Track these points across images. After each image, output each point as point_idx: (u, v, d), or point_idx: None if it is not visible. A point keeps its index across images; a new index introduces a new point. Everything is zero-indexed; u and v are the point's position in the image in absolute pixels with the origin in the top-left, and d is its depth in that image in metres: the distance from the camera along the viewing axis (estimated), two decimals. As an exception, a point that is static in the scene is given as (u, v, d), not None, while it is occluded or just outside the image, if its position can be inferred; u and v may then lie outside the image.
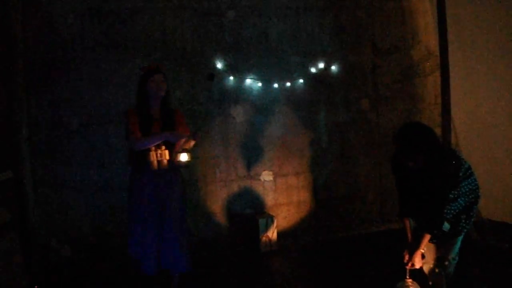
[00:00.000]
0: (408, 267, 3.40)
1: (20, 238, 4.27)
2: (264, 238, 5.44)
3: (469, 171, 3.37)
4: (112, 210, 5.26)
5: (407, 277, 3.41)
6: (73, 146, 5.15)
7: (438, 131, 6.07)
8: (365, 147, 6.14)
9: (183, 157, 3.73)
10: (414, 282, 3.40)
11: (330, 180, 6.03)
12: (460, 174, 3.30)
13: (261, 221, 5.43)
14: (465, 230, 3.38)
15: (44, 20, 5.03)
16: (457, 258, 3.48)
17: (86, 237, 5.23)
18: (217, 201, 5.64)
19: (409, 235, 3.52)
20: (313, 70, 5.83)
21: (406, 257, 3.42)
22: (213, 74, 5.47)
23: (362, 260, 4.99)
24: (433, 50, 6.17)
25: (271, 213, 5.71)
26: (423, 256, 3.47)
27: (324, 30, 5.90)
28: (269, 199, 5.85)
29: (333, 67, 5.90)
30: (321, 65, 5.85)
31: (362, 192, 6.18)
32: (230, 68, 5.59)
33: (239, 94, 5.65)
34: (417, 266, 3.39)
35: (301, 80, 5.82)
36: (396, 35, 6.17)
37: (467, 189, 3.33)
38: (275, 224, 5.49)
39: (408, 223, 3.54)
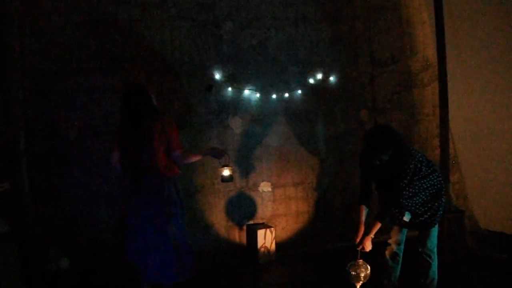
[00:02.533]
0: (359, 249, 3.84)
1: (18, 249, 4.26)
2: (262, 249, 5.43)
3: (432, 168, 3.79)
4: (110, 220, 5.26)
5: (358, 258, 3.86)
6: (71, 157, 5.15)
7: (436, 141, 6.10)
8: (364, 157, 6.13)
9: (225, 172, 4.19)
10: (364, 262, 3.84)
11: (328, 191, 6.03)
12: (423, 170, 3.71)
13: (260, 232, 5.43)
14: (434, 222, 3.82)
15: (42, 31, 5.04)
16: (435, 251, 3.92)
17: (84, 248, 5.21)
18: (215, 212, 5.64)
19: (362, 221, 3.91)
20: (311, 80, 5.85)
21: (357, 241, 3.86)
22: (212, 85, 5.48)
23: None
24: (431, 60, 6.18)
25: (269, 224, 5.71)
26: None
27: (322, 41, 5.93)
28: (268, 209, 5.85)
29: (331, 78, 5.92)
30: (319, 76, 5.86)
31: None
32: (229, 79, 5.60)
33: (237, 105, 5.66)
34: (367, 249, 3.83)
35: (299, 91, 5.84)
36: (394, 46, 6.19)
37: (428, 185, 3.73)
38: (273, 235, 5.48)
39: (364, 211, 3.93)
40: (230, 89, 5.60)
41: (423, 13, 6.23)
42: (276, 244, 5.54)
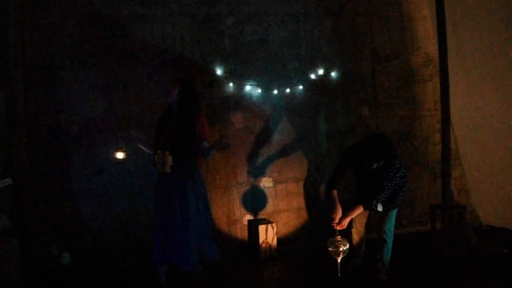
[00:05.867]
0: (338, 227, 4.31)
1: (19, 245, 4.26)
2: (264, 245, 5.43)
3: (401, 163, 4.39)
4: (111, 216, 5.25)
5: (337, 234, 4.27)
6: (72, 152, 5.15)
7: (437, 137, 6.10)
8: (365, 153, 6.12)
9: (119, 155, 4.41)
10: (343, 238, 4.25)
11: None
12: (400, 172, 4.34)
13: (261, 228, 5.42)
14: (395, 206, 4.45)
15: (43, 26, 5.03)
16: (392, 230, 4.54)
17: (85, 244, 5.22)
18: (216, 207, 5.63)
19: (337, 201, 4.39)
20: (312, 76, 5.84)
21: (337, 219, 4.32)
22: (213, 80, 5.48)
23: (361, 266, 4.98)
24: (433, 56, 6.19)
25: (271, 220, 5.70)
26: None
27: (323, 36, 5.92)
28: (269, 205, 5.85)
29: (333, 74, 5.91)
30: (321, 72, 5.85)
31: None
32: (230, 74, 5.59)
33: (239, 100, 5.65)
34: (345, 227, 4.36)
35: (300, 87, 5.83)
36: (396, 42, 6.18)
37: (399, 177, 4.34)
38: (275, 230, 5.48)
39: (336, 193, 4.43)
40: (231, 84, 5.59)
41: (424, 8, 6.23)
42: (278, 239, 5.53)
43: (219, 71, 5.52)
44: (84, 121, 5.17)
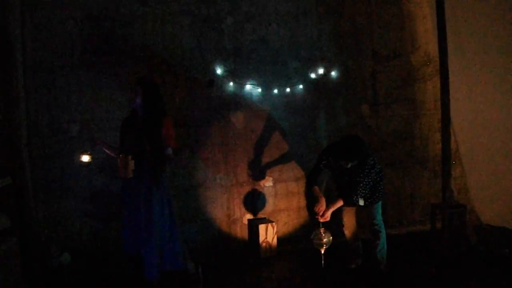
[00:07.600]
0: (321, 220, 4.43)
1: (20, 244, 4.26)
2: (264, 244, 5.43)
3: (376, 159, 4.60)
4: (111, 216, 5.25)
5: (321, 226, 4.42)
6: (73, 152, 5.14)
7: (437, 136, 6.09)
8: (365, 152, 6.12)
9: (84, 158, 4.25)
10: (327, 230, 4.43)
11: (329, 185, 6.00)
12: (375, 168, 4.54)
13: (261, 227, 5.42)
14: (377, 200, 4.63)
15: (44, 26, 5.03)
16: (382, 222, 4.73)
17: (86, 243, 5.22)
18: (217, 206, 5.64)
19: (321, 195, 4.52)
20: (312, 75, 5.83)
21: (320, 213, 4.43)
22: (213, 80, 5.48)
23: (361, 265, 4.98)
24: (433, 55, 6.18)
25: (271, 219, 5.70)
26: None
27: (323, 35, 5.91)
28: (269, 204, 5.85)
29: (333, 73, 5.91)
30: (321, 71, 5.85)
31: (362, 197, 6.17)
32: (230, 74, 5.59)
33: (239, 100, 5.65)
34: (328, 219, 4.45)
35: (300, 86, 5.82)
36: (396, 41, 6.18)
37: (375, 172, 4.55)
38: (275, 230, 5.48)
39: (318, 189, 4.59)
40: (231, 84, 5.59)
41: (424, 7, 6.23)
42: (278, 239, 5.53)
43: (219, 71, 5.52)
44: (84, 121, 5.18)
